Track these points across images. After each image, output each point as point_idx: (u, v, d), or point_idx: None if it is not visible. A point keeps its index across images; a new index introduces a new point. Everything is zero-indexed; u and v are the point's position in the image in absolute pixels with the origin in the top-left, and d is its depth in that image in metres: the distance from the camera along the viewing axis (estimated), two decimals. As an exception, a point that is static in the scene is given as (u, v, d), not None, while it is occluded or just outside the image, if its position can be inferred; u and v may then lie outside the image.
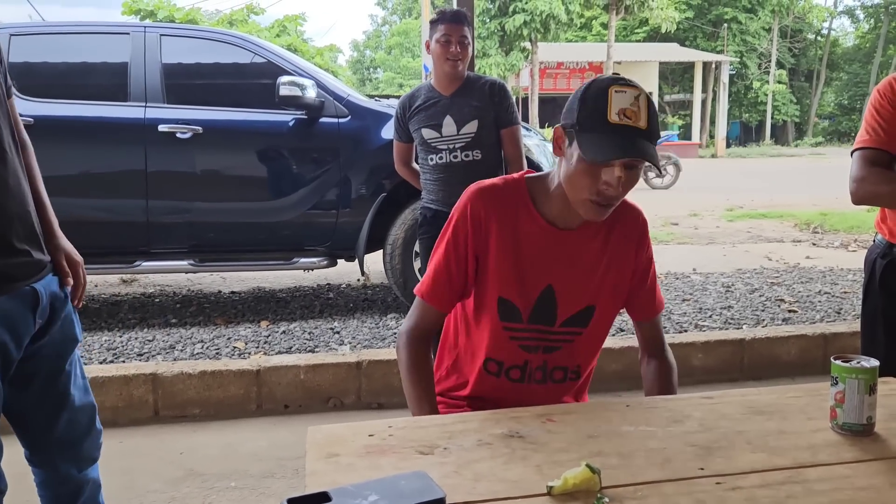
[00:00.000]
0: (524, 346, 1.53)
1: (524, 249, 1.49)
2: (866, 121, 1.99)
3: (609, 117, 1.32)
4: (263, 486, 2.64)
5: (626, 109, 1.33)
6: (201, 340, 3.87)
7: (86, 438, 1.76)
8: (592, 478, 1.01)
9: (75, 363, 1.72)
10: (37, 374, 1.63)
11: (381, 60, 52.98)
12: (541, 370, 1.55)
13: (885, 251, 2.01)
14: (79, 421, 1.73)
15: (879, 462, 1.11)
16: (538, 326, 1.52)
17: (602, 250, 1.53)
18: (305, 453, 1.15)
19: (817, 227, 8.48)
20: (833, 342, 3.83)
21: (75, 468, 1.75)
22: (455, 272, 1.51)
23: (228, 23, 20.24)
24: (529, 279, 1.50)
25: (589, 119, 1.35)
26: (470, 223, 1.49)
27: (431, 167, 3.31)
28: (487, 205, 1.49)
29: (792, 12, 38.49)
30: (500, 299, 1.50)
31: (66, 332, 1.66)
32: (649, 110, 1.35)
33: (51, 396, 1.67)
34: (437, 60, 3.22)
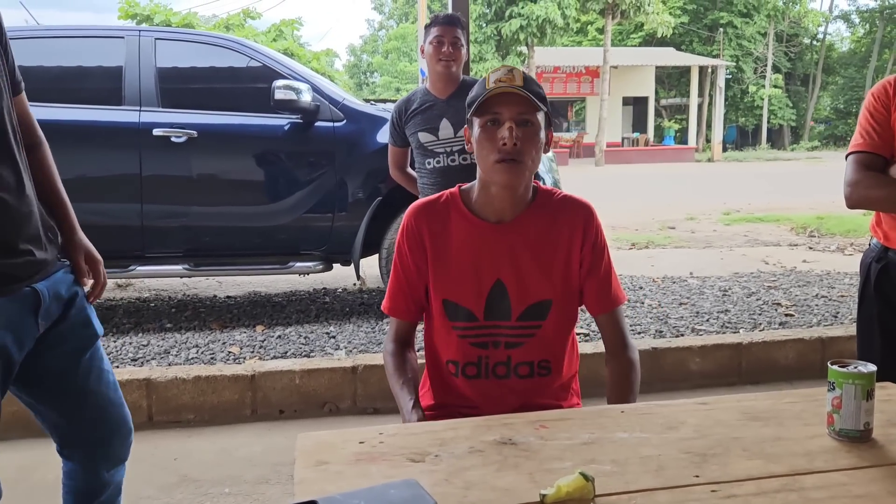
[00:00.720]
0: (476, 342, 1.58)
1: (463, 249, 1.57)
2: (860, 124, 1.99)
3: (487, 86, 1.49)
4: (258, 492, 2.62)
5: (501, 77, 1.49)
6: (196, 345, 3.85)
7: (114, 437, 1.73)
8: (586, 486, 0.99)
9: (98, 360, 1.69)
10: (48, 372, 1.61)
11: (378, 65, 53.03)
12: (504, 365, 1.59)
13: (880, 255, 2.01)
14: (105, 419, 1.71)
15: (877, 469, 1.10)
16: (496, 322, 1.57)
17: (544, 242, 1.57)
18: (294, 460, 1.14)
19: (814, 230, 8.48)
20: (830, 346, 3.82)
21: (105, 468, 1.74)
22: (406, 284, 1.62)
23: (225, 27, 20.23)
24: (475, 277, 1.56)
25: (473, 98, 1.52)
26: (406, 239, 1.60)
27: (429, 171, 3.30)
28: (419, 217, 1.60)
29: (787, 17, 38.57)
30: (445, 301, 1.58)
31: (79, 330, 1.64)
32: (525, 77, 1.50)
33: (67, 394, 1.64)
34: (430, 62, 3.24)
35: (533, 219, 1.57)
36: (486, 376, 1.59)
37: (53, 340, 1.58)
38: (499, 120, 1.48)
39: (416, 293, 1.62)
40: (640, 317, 4.35)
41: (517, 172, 1.49)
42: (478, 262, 1.56)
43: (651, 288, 5.19)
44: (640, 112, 31.79)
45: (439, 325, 1.61)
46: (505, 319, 1.57)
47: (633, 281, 5.41)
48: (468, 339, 1.58)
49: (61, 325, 1.59)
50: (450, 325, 1.59)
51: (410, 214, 1.62)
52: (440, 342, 1.64)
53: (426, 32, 3.29)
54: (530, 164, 1.50)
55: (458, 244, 1.57)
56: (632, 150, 28.45)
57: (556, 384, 1.64)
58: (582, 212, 1.60)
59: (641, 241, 7.71)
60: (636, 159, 26.92)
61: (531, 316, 1.57)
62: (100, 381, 1.68)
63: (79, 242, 1.66)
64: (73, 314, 1.62)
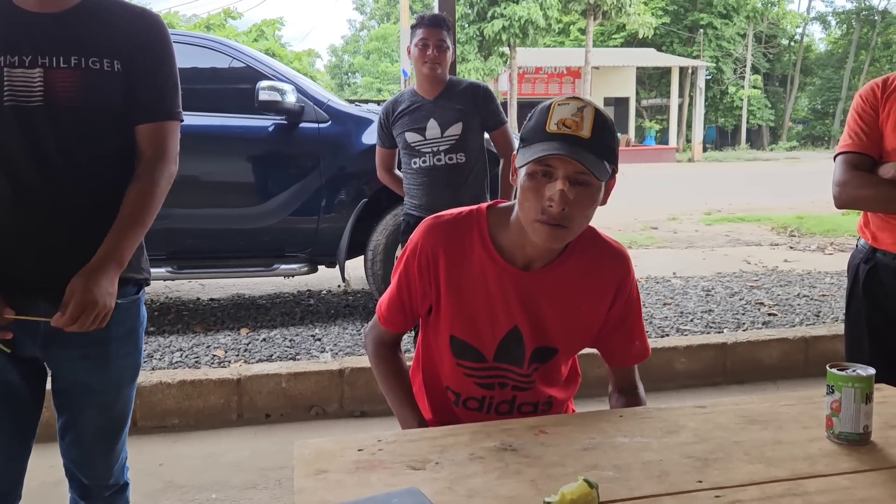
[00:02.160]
0: (482, 384, 1.47)
1: (481, 287, 1.41)
2: (849, 125, 2.00)
3: (548, 128, 1.26)
4: (245, 497, 2.59)
5: (566, 119, 1.26)
6: (180, 349, 3.80)
7: (97, 463, 1.67)
8: (590, 493, 0.98)
9: (106, 406, 1.63)
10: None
11: (359, 65, 52.86)
12: (507, 404, 1.50)
13: (868, 256, 2.02)
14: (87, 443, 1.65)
15: (878, 472, 1.10)
16: (506, 366, 1.46)
17: (572, 294, 1.43)
18: (293, 468, 1.12)
19: (794, 230, 8.56)
20: (814, 345, 3.85)
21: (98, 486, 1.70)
22: (409, 303, 1.48)
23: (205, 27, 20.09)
24: (490, 320, 1.42)
25: (529, 133, 1.30)
26: (418, 260, 1.43)
27: (415, 171, 3.29)
28: (436, 242, 1.42)
29: (766, 18, 38.94)
30: (453, 338, 1.45)
31: (87, 373, 1.58)
32: (595, 122, 1.27)
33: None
34: (416, 64, 3.24)
35: (564, 268, 1.41)
36: (487, 412, 1.49)
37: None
38: (552, 174, 1.26)
39: (416, 311, 1.49)
40: (626, 317, 4.36)
41: (559, 237, 1.30)
42: (496, 304, 1.41)
43: (636, 288, 5.21)
44: (622, 112, 31.94)
45: (444, 355, 1.49)
46: (517, 365, 1.46)
47: (617, 281, 5.42)
48: (473, 379, 1.47)
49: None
50: (455, 362, 1.47)
51: (427, 232, 1.44)
52: (442, 369, 1.52)
53: (412, 33, 3.27)
54: (576, 228, 1.32)
55: (478, 280, 1.41)
56: (613, 151, 28.54)
57: (556, 413, 1.57)
58: (619, 268, 1.45)
59: (624, 242, 7.71)
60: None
61: (536, 359, 1.46)
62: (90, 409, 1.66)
63: (79, 279, 1.45)
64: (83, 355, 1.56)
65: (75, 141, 1.47)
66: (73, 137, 1.46)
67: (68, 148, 1.46)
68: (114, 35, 1.50)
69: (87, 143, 1.49)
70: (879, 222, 1.98)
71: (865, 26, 39.82)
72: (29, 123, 1.42)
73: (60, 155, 1.46)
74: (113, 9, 1.53)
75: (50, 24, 1.45)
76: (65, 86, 1.43)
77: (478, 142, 3.30)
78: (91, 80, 1.45)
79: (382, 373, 1.55)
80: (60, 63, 1.43)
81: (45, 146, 1.44)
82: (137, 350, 1.65)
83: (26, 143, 1.43)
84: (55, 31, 1.45)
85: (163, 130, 1.59)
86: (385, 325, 1.53)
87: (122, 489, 1.75)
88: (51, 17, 1.45)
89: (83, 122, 1.47)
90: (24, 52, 1.41)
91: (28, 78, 1.41)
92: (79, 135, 1.47)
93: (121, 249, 1.49)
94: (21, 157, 1.43)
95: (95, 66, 1.46)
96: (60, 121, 1.44)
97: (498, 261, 1.40)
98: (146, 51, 1.54)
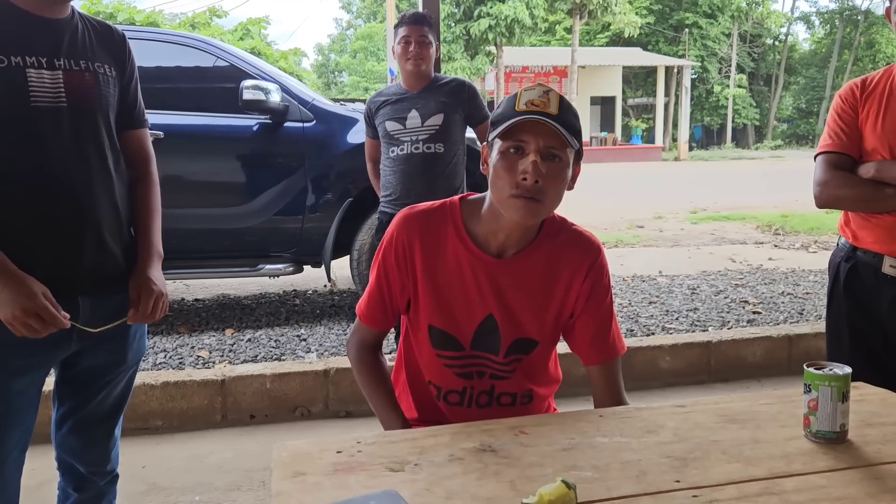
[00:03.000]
0: (461, 373, 1.49)
1: (457, 276, 1.44)
2: (829, 125, 2.02)
3: (517, 107, 1.33)
4: (229, 499, 2.58)
5: (534, 100, 1.32)
6: (164, 350, 3.78)
7: (97, 448, 1.73)
8: (568, 494, 0.98)
9: (115, 384, 1.69)
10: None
11: (346, 64, 52.75)
12: (486, 394, 1.51)
13: (849, 255, 2.03)
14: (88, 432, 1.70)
15: (854, 470, 1.11)
16: (483, 353, 1.48)
17: (544, 281, 1.45)
18: (271, 471, 1.11)
19: (779, 228, 8.62)
20: (797, 343, 3.88)
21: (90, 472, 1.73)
22: (388, 297, 1.50)
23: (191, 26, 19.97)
24: (466, 308, 1.45)
25: (499, 116, 1.36)
26: (394, 251, 1.46)
27: (392, 160, 3.31)
28: (412, 232, 1.45)
29: (751, 17, 39.20)
30: (431, 328, 1.48)
31: (108, 355, 1.64)
32: (560, 102, 1.34)
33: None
34: (400, 61, 3.29)
35: (536, 255, 1.43)
36: (468, 405, 1.51)
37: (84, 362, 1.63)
38: (523, 149, 1.32)
39: (395, 305, 1.51)
40: (612, 316, 4.38)
41: (534, 212, 1.34)
42: (471, 293, 1.44)
43: (621, 287, 5.23)
44: (608, 111, 32.05)
45: (423, 348, 1.52)
46: (493, 353, 1.48)
47: (603, 280, 5.43)
48: (454, 370, 1.50)
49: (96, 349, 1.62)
50: (434, 353, 1.50)
51: (402, 224, 1.46)
52: (422, 362, 1.54)
53: (396, 30, 3.31)
54: (550, 204, 1.35)
55: (453, 269, 1.44)
56: (600, 150, 28.66)
57: (537, 410, 1.58)
58: (589, 253, 1.47)
59: (611, 241, 7.77)
60: (604, 158, 27.12)
61: (517, 350, 1.48)
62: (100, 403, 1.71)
63: (139, 276, 1.61)
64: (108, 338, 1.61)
65: (100, 138, 1.53)
66: (98, 135, 1.53)
67: (96, 145, 1.53)
68: (102, 44, 1.58)
69: (108, 140, 1.56)
70: (860, 221, 1.99)
71: (848, 26, 40.15)
72: (57, 124, 1.46)
73: (90, 152, 1.52)
74: (92, 21, 1.60)
75: (59, 29, 1.49)
76: (83, 88, 1.50)
77: (459, 135, 3.32)
78: (101, 83, 1.53)
79: (364, 376, 1.56)
80: (73, 66, 1.49)
81: (75, 144, 1.49)
82: (145, 333, 1.76)
83: (58, 142, 1.47)
84: (64, 35, 1.49)
85: (147, 135, 1.73)
86: (366, 322, 1.55)
87: (114, 480, 1.80)
88: (56, 22, 1.49)
89: (103, 122, 1.54)
90: (42, 53, 1.45)
91: (52, 79, 1.45)
92: (101, 132, 1.54)
93: (157, 242, 1.67)
94: (53, 156, 1.46)
95: (100, 70, 1.54)
96: (86, 120, 1.50)
97: (472, 249, 1.43)
98: (128, 62, 1.65)
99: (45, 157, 1.45)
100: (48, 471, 2.01)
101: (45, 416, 1.75)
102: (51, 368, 1.59)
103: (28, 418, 1.54)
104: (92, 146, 1.52)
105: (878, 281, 1.95)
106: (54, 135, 1.46)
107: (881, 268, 1.94)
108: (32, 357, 1.49)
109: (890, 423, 1.28)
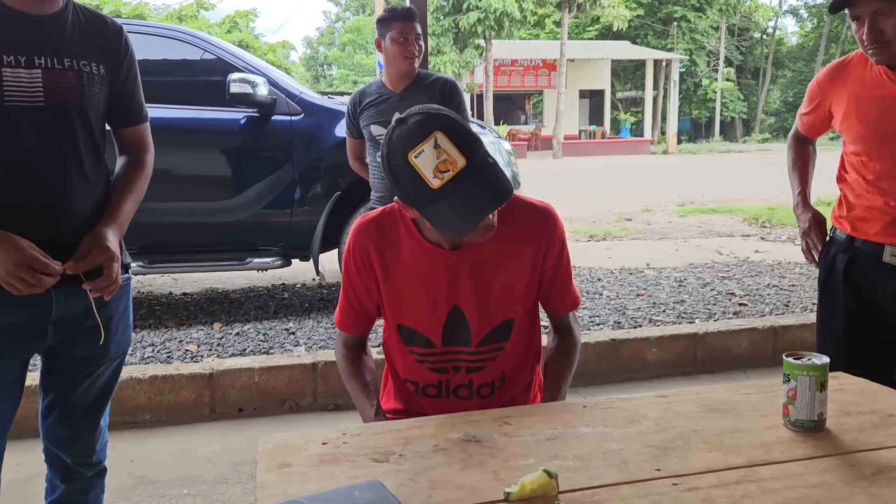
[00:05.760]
0: (435, 368, 1.52)
1: (415, 273, 1.47)
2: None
3: (432, 186, 1.26)
4: (218, 492, 2.58)
5: (438, 165, 1.25)
6: (152, 344, 3.77)
7: (82, 439, 1.72)
8: (550, 483, 1.00)
9: (98, 375, 1.68)
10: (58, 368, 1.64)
11: (334, 57, 52.57)
12: (466, 388, 1.54)
13: (847, 246, 2.03)
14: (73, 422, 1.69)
15: (831, 458, 1.13)
16: (456, 348, 1.51)
17: (506, 261, 1.48)
18: (256, 463, 1.12)
19: (765, 221, 8.68)
20: (782, 335, 3.91)
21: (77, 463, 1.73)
22: (357, 303, 1.55)
23: (177, 18, 19.80)
24: (431, 303, 1.48)
25: (417, 201, 1.31)
26: (353, 258, 1.51)
27: (379, 163, 3.29)
28: (366, 239, 1.49)
29: (739, 11, 39.34)
30: (400, 326, 1.52)
31: (89, 347, 1.62)
32: (456, 144, 1.26)
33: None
34: (395, 59, 3.18)
35: (492, 238, 1.41)
36: (447, 397, 1.54)
37: (64, 352, 1.63)
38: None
39: (366, 309, 1.56)
40: (599, 308, 4.40)
41: (493, 231, 1.41)
42: (432, 287, 1.46)
43: (609, 279, 5.25)
44: (597, 105, 32.11)
45: (395, 347, 1.55)
46: (465, 345, 1.50)
47: (591, 273, 5.46)
48: (427, 365, 1.52)
49: (77, 339, 1.61)
50: (406, 350, 1.53)
51: (355, 233, 1.51)
52: (397, 360, 1.58)
53: (384, 26, 3.21)
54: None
55: (410, 267, 1.47)
56: (589, 143, 28.75)
57: (518, 387, 1.60)
58: (547, 223, 1.50)
59: (599, 234, 7.80)
60: (593, 151, 27.20)
61: (494, 339, 1.50)
62: (83, 394, 1.71)
63: (94, 233, 1.52)
64: (87, 328, 1.60)
65: (77, 139, 1.51)
66: (75, 136, 1.51)
67: (73, 146, 1.51)
68: (94, 40, 1.55)
69: (88, 141, 1.54)
70: (861, 212, 1.99)
71: (836, 20, 40.29)
72: (32, 123, 1.44)
73: (66, 152, 1.50)
74: (88, 15, 1.57)
75: (42, 26, 1.47)
76: (63, 87, 1.47)
77: None
78: (85, 82, 1.51)
79: (345, 372, 1.60)
80: (55, 64, 1.46)
81: (52, 145, 1.47)
82: (130, 326, 1.75)
83: (33, 142, 1.45)
84: (47, 32, 1.47)
85: (147, 130, 1.73)
86: (342, 328, 1.61)
87: (102, 473, 1.80)
88: (41, 18, 1.47)
89: (82, 122, 1.52)
90: (21, 52, 1.43)
91: (29, 78, 1.43)
92: (79, 133, 1.52)
93: (120, 215, 1.58)
94: (29, 155, 1.45)
95: (86, 68, 1.51)
96: (64, 120, 1.48)
97: (425, 245, 1.46)
98: (126, 57, 1.63)
99: (21, 155, 1.44)
100: (35, 465, 2.01)
101: (32, 410, 1.75)
102: (28, 359, 1.58)
103: (5, 405, 1.53)
104: (70, 145, 1.50)
105: (880, 270, 1.95)
106: (30, 134, 1.44)
107: (882, 257, 1.94)
108: (7, 345, 1.49)
109: (867, 411, 1.31)
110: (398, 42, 3.14)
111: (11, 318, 1.46)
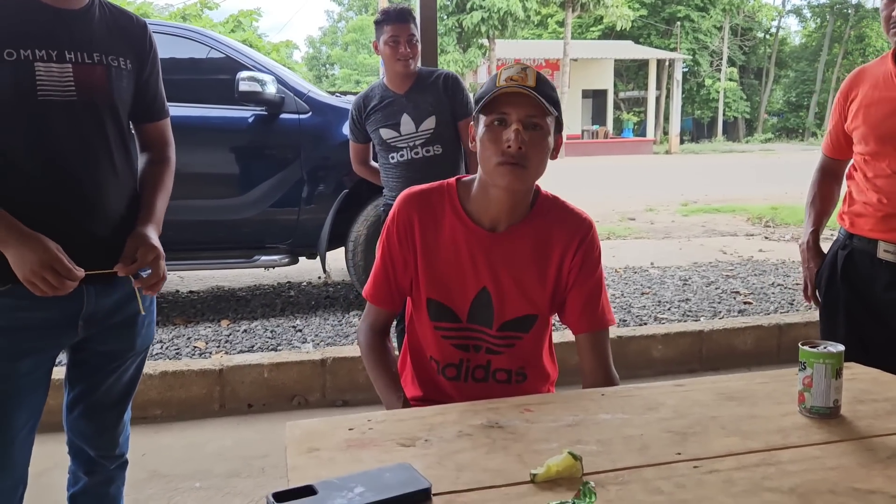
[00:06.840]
0: (458, 345, 1.56)
1: (453, 250, 1.52)
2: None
3: (497, 84, 1.42)
4: (229, 485, 2.61)
5: (513, 76, 1.41)
6: (160, 341, 3.80)
7: (107, 432, 1.74)
8: (575, 464, 1.02)
9: (124, 370, 1.70)
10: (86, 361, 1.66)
11: (337, 57, 52.59)
12: (482, 369, 1.57)
13: (846, 242, 2.07)
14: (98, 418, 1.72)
15: (847, 443, 1.15)
16: (478, 327, 1.55)
17: (536, 257, 1.52)
18: (285, 450, 1.14)
19: (769, 220, 8.69)
20: (787, 332, 3.93)
21: (103, 458, 1.75)
22: (392, 274, 1.57)
23: (181, 17, 19.86)
24: (461, 280, 1.52)
25: (482, 93, 1.45)
26: (396, 228, 1.55)
27: (393, 165, 3.29)
28: (411, 209, 1.54)
29: (742, 11, 39.35)
30: (430, 300, 1.55)
31: (117, 341, 1.65)
32: (538, 77, 1.42)
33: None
34: (388, 61, 3.18)
35: (528, 230, 1.51)
36: (465, 379, 1.57)
37: (93, 345, 1.64)
38: (506, 120, 1.41)
39: (401, 283, 1.58)
40: (605, 306, 4.42)
41: (520, 177, 1.42)
42: (466, 266, 1.51)
43: (614, 278, 5.28)
44: (600, 104, 32.10)
45: (423, 322, 1.58)
46: (487, 326, 1.54)
47: (596, 271, 5.48)
48: (450, 341, 1.56)
49: (106, 333, 1.63)
50: (432, 325, 1.56)
51: (403, 202, 1.56)
52: (423, 337, 1.60)
53: (378, 29, 3.20)
54: (534, 170, 1.43)
55: (449, 243, 1.52)
56: (592, 143, 28.73)
57: (534, 392, 1.60)
58: (581, 228, 1.53)
59: (603, 233, 7.82)
60: (596, 151, 27.19)
61: (513, 328, 1.54)
62: (110, 390, 1.72)
63: (136, 234, 1.56)
64: (115, 322, 1.63)
65: (107, 133, 1.53)
66: (106, 130, 1.53)
67: (103, 140, 1.53)
68: (121, 35, 1.57)
69: (117, 136, 1.56)
70: (858, 208, 2.03)
71: (839, 20, 40.33)
72: (66, 118, 1.46)
73: (98, 147, 1.52)
74: (113, 10, 1.59)
75: (71, 20, 1.48)
76: (94, 81, 1.49)
77: (452, 132, 3.30)
78: (114, 77, 1.53)
79: (371, 361, 1.62)
80: (85, 59, 1.48)
81: (84, 139, 1.49)
82: (154, 321, 1.78)
83: (66, 137, 1.47)
84: (76, 27, 1.48)
85: (168, 125, 1.75)
86: (373, 300, 1.62)
87: (124, 465, 1.82)
88: (70, 13, 1.48)
89: (112, 117, 1.54)
90: (52, 46, 1.44)
91: (61, 72, 1.45)
92: (110, 127, 1.53)
93: (157, 213, 1.63)
94: (62, 150, 1.47)
95: (114, 63, 1.53)
96: (95, 115, 1.50)
97: (467, 223, 1.52)
98: (150, 53, 1.65)
99: (54, 150, 1.46)
100: (50, 458, 2.04)
101: (54, 405, 1.77)
102: (57, 353, 1.61)
103: (35, 400, 1.56)
104: (101, 140, 1.52)
105: (874, 266, 1.99)
106: (63, 129, 1.46)
107: (876, 253, 1.98)
108: (39, 340, 1.51)
109: (881, 399, 1.33)
110: (390, 45, 3.12)
111: (43, 314, 1.48)
